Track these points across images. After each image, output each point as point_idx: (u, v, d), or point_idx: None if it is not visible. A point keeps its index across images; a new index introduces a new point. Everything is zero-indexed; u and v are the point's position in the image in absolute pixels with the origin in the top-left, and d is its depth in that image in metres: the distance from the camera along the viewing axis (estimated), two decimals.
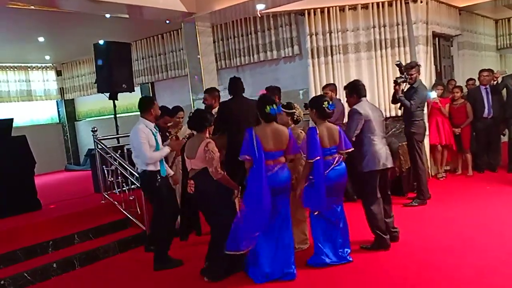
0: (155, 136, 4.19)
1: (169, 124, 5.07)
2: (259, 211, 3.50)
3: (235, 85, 4.71)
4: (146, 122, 4.18)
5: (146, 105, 4.27)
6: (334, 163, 3.78)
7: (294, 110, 4.21)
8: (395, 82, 5.37)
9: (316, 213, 3.81)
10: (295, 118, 4.24)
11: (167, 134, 4.92)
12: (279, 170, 3.62)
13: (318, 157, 3.65)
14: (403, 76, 5.31)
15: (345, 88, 4.30)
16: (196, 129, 3.86)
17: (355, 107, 4.06)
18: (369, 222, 4.12)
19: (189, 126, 3.97)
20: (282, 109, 4.10)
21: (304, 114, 4.40)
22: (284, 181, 3.65)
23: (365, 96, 4.16)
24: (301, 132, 4.18)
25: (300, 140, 3.96)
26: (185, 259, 4.28)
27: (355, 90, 4.15)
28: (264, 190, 3.49)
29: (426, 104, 6.50)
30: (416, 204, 5.36)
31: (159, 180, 4.17)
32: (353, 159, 4.07)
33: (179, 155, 4.71)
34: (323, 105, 3.77)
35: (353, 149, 3.91)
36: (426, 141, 6.60)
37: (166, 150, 4.26)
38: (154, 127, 4.26)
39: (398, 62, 5.45)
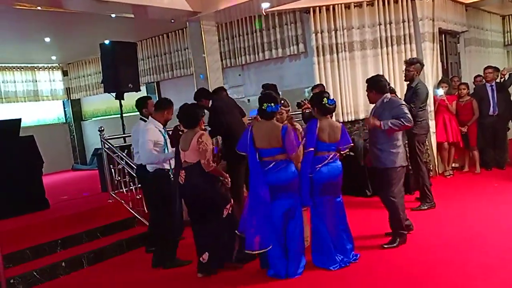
0: (164, 137, 4.23)
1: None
2: (259, 205, 3.58)
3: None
4: (155, 122, 4.22)
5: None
6: (328, 159, 3.75)
7: (289, 108, 4.26)
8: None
9: (303, 209, 3.81)
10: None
11: (180, 133, 4.92)
12: (273, 166, 3.60)
13: (312, 149, 3.68)
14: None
15: (366, 82, 4.23)
16: (190, 127, 3.89)
17: (395, 99, 4.07)
18: (391, 217, 4.09)
19: (183, 125, 4.00)
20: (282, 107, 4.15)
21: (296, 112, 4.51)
22: (282, 179, 3.60)
23: (387, 92, 4.11)
24: (296, 124, 4.19)
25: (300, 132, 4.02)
26: (193, 258, 4.29)
27: (375, 86, 4.10)
28: (259, 184, 3.57)
29: (433, 101, 6.46)
30: (426, 207, 5.06)
31: (172, 178, 4.22)
32: (373, 156, 4.11)
33: None
34: (323, 101, 3.79)
35: (352, 144, 3.96)
36: (433, 139, 6.57)
37: (170, 154, 4.20)
38: (163, 128, 4.29)
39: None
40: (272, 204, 3.63)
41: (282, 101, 4.29)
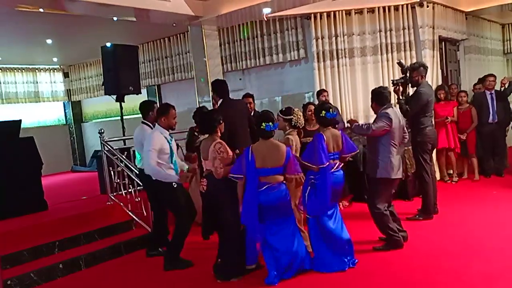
0: (169, 143, 4.15)
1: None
2: (253, 225, 3.60)
3: (222, 88, 4.66)
4: (160, 128, 4.16)
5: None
6: (334, 167, 3.80)
7: (291, 116, 4.21)
8: (393, 83, 4.98)
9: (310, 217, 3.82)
10: (293, 124, 4.24)
11: (195, 133, 4.91)
12: (268, 188, 3.59)
13: (327, 163, 3.69)
14: (402, 77, 4.93)
15: (371, 93, 4.31)
16: (208, 132, 3.91)
17: (387, 111, 4.06)
18: (378, 224, 4.14)
19: (201, 131, 4.02)
20: (280, 114, 4.16)
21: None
22: (275, 200, 3.60)
23: (386, 103, 4.12)
24: (288, 137, 4.14)
25: (289, 144, 3.99)
26: (194, 261, 4.29)
27: (374, 98, 4.20)
28: (254, 204, 3.57)
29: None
30: (421, 218, 4.90)
31: (175, 185, 4.14)
32: (367, 164, 4.16)
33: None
34: (321, 114, 3.86)
35: (358, 151, 3.97)
36: None
37: (174, 177, 4.12)
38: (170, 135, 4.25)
39: (399, 61, 5.12)
40: (276, 229, 3.64)
41: (284, 109, 4.31)
